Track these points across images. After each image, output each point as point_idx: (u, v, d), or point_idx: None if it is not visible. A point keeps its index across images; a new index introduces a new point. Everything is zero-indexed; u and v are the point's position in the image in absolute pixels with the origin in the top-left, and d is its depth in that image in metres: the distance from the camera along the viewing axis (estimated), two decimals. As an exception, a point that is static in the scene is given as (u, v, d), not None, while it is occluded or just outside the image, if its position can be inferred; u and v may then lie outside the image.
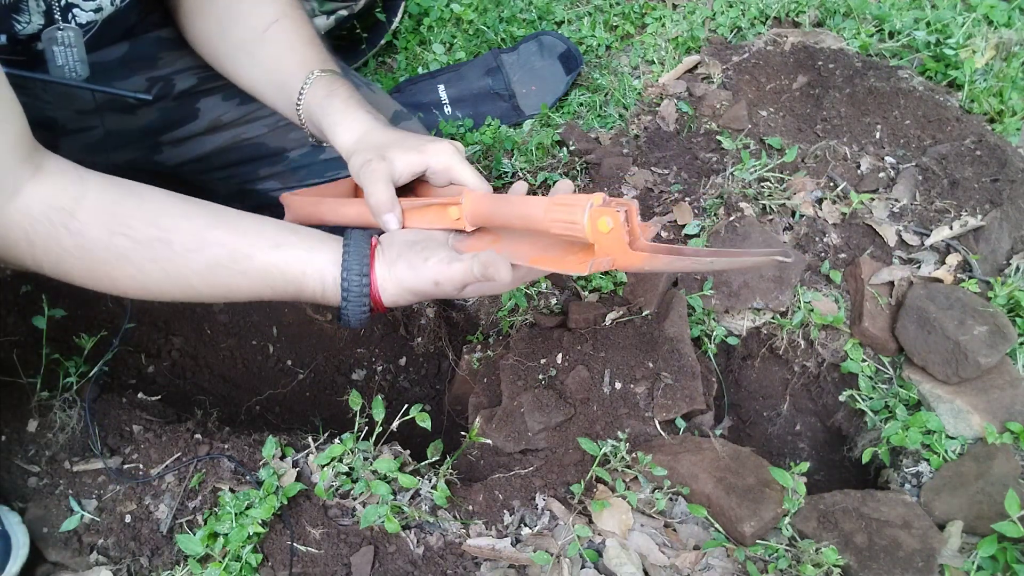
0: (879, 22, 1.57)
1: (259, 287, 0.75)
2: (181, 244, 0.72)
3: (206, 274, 0.73)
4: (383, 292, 0.75)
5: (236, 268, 0.74)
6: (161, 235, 0.72)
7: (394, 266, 0.76)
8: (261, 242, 0.74)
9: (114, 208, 0.71)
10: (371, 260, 0.75)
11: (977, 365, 1.03)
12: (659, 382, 1.06)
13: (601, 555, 0.93)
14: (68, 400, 1.04)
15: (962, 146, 1.29)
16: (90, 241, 0.70)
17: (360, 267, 0.74)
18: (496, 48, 1.66)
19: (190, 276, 0.73)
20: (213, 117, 1.13)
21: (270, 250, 0.74)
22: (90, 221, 0.70)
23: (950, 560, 0.92)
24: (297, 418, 1.36)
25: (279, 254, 0.74)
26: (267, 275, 0.74)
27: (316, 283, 0.75)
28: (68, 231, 0.69)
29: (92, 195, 0.71)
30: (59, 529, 0.94)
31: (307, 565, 0.92)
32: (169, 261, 0.72)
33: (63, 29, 0.89)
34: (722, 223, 1.22)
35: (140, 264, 0.72)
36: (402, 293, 0.76)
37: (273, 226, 0.77)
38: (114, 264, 0.72)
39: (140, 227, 0.71)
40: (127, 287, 0.74)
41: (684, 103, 1.45)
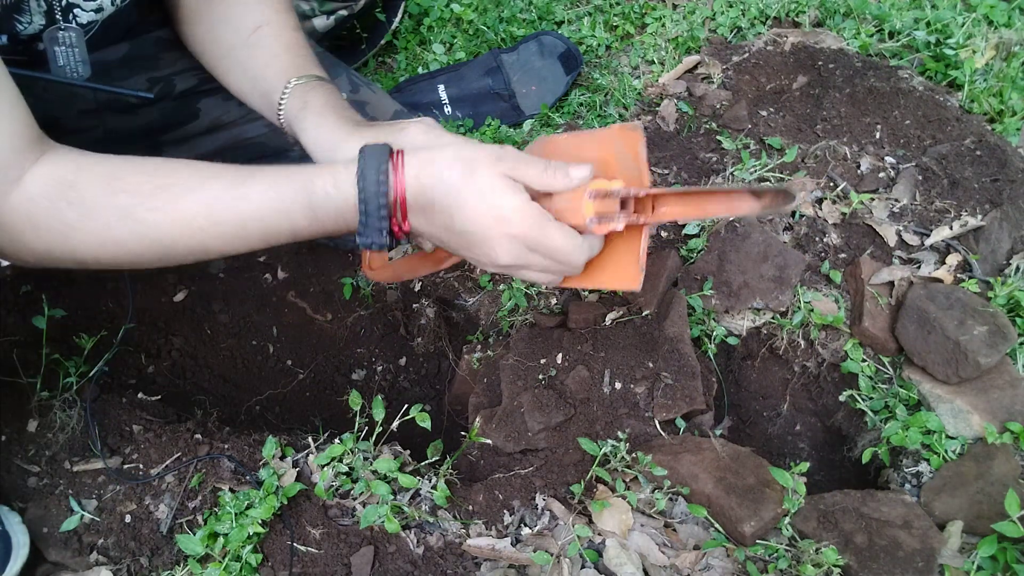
0: (879, 22, 1.57)
1: (265, 209, 0.70)
2: (183, 184, 0.71)
3: (208, 209, 0.70)
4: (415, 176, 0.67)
5: (236, 193, 0.70)
6: (161, 182, 0.71)
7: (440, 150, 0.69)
8: (262, 169, 0.72)
9: (112, 170, 0.71)
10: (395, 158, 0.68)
11: (977, 365, 1.03)
12: (659, 382, 1.06)
13: (601, 555, 0.93)
14: (68, 400, 1.04)
15: (962, 146, 1.29)
16: (91, 206, 0.70)
17: (378, 163, 0.67)
18: (496, 48, 1.66)
19: (194, 216, 0.71)
20: (213, 117, 1.13)
21: (270, 171, 0.71)
22: (89, 184, 0.70)
23: (950, 560, 0.92)
24: (297, 418, 1.36)
25: (280, 172, 0.71)
26: (270, 191, 0.70)
27: (327, 178, 0.69)
28: (68, 202, 0.69)
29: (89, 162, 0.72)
30: (59, 529, 0.94)
31: (307, 565, 0.92)
32: (171, 203, 0.70)
33: (64, 29, 0.89)
34: (722, 223, 1.22)
35: (142, 217, 0.70)
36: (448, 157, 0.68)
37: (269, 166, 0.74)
38: (119, 224, 0.70)
39: (140, 182, 0.71)
40: (135, 248, 0.72)
41: (684, 103, 1.45)
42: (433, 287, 1.33)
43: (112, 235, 0.71)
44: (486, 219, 0.68)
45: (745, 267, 1.17)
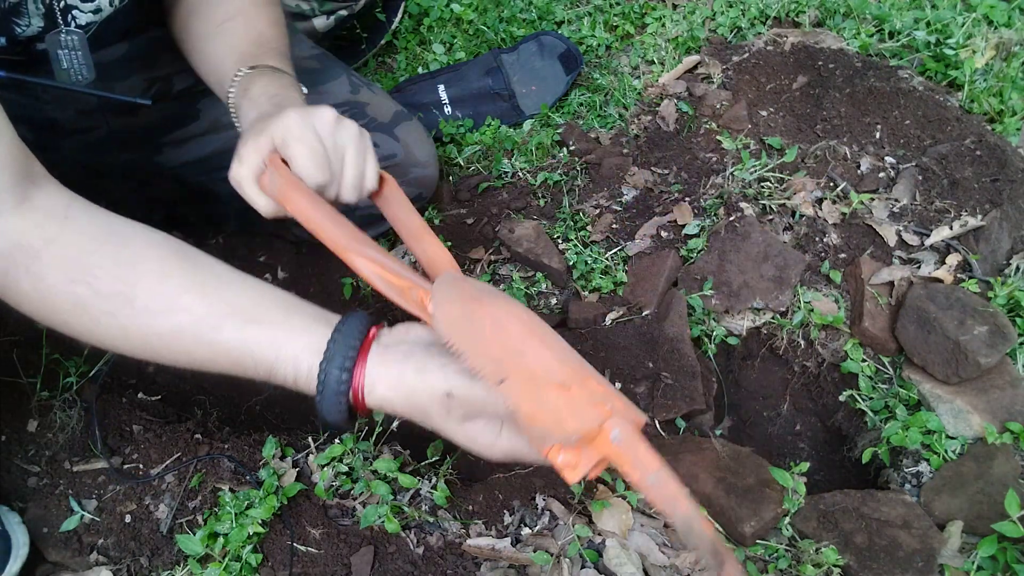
0: (879, 22, 1.57)
1: (224, 363, 0.67)
2: (144, 304, 0.65)
3: (168, 339, 0.66)
4: (370, 393, 0.63)
5: (201, 339, 0.65)
6: (125, 290, 0.65)
7: (399, 365, 0.63)
8: (235, 315, 0.66)
9: (82, 255, 0.66)
10: (362, 352, 0.64)
11: (977, 365, 1.03)
12: (659, 382, 1.06)
13: (601, 555, 0.93)
14: (68, 400, 1.04)
15: (962, 146, 1.29)
16: (48, 286, 0.65)
17: (343, 360, 0.62)
18: (496, 48, 1.66)
19: (149, 337, 0.66)
20: (213, 118, 1.13)
21: (243, 325, 0.65)
22: (53, 265, 0.65)
23: (950, 560, 0.92)
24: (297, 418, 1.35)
25: (251, 331, 0.65)
26: (233, 351, 0.65)
27: (289, 369, 0.65)
28: (28, 273, 0.65)
29: (68, 236, 0.66)
30: (59, 529, 0.94)
31: (307, 565, 0.92)
32: (127, 318, 0.65)
33: (67, 33, 0.89)
34: (722, 223, 1.22)
35: (96, 316, 0.66)
36: (397, 399, 0.63)
37: (257, 297, 0.68)
38: (69, 311, 0.66)
39: (105, 278, 0.65)
40: (82, 335, 0.68)
41: (684, 103, 1.45)
42: (433, 287, 1.33)
43: (62, 318, 0.67)
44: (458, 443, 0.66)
45: (745, 267, 1.17)
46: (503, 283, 1.28)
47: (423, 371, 0.62)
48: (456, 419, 0.62)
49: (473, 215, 1.36)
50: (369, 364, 0.63)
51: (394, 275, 0.68)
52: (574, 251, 1.27)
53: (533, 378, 0.59)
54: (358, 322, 0.66)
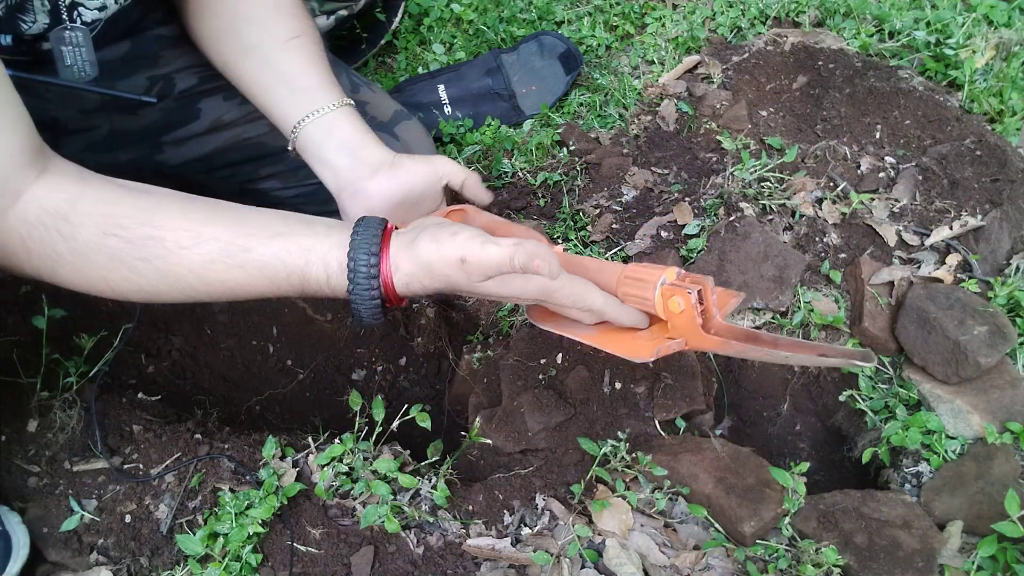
0: (879, 22, 1.57)
1: (258, 282, 0.70)
2: (174, 241, 0.68)
3: (201, 271, 0.69)
4: (396, 271, 0.68)
5: (232, 262, 0.69)
6: (154, 232, 0.68)
7: (415, 243, 0.68)
8: (261, 232, 0.69)
9: (108, 208, 0.69)
10: (384, 242, 0.69)
11: (977, 365, 1.03)
12: (659, 382, 1.06)
13: (601, 555, 0.93)
14: (68, 400, 1.04)
15: (962, 146, 1.29)
16: (82, 244, 0.68)
17: (369, 246, 0.67)
18: (496, 48, 1.66)
19: (184, 274, 0.69)
20: (214, 117, 1.13)
21: (269, 240, 0.69)
22: (82, 223, 0.68)
23: (950, 560, 0.92)
24: (297, 418, 1.36)
25: (279, 243, 0.69)
26: (266, 267, 0.69)
27: (319, 269, 0.69)
28: (61, 235, 0.67)
29: (89, 195, 0.69)
30: (59, 529, 0.94)
31: (307, 565, 0.92)
32: (161, 259, 0.68)
33: (71, 29, 0.89)
34: (722, 223, 1.22)
35: (132, 264, 0.68)
36: (417, 272, 0.68)
37: (279, 216, 0.72)
38: (106, 266, 0.69)
39: (133, 225, 0.68)
40: (123, 289, 0.71)
41: (684, 103, 1.45)
42: (433, 287, 1.33)
43: (100, 275, 0.69)
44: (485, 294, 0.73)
45: (745, 267, 1.17)
46: (503, 283, 1.28)
47: (437, 240, 0.67)
48: (477, 278, 0.67)
49: (473, 215, 1.36)
50: (392, 248, 0.69)
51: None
52: (574, 251, 1.27)
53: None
54: (375, 220, 0.71)
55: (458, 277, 0.67)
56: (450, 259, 0.66)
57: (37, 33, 0.88)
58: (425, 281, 0.69)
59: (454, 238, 0.66)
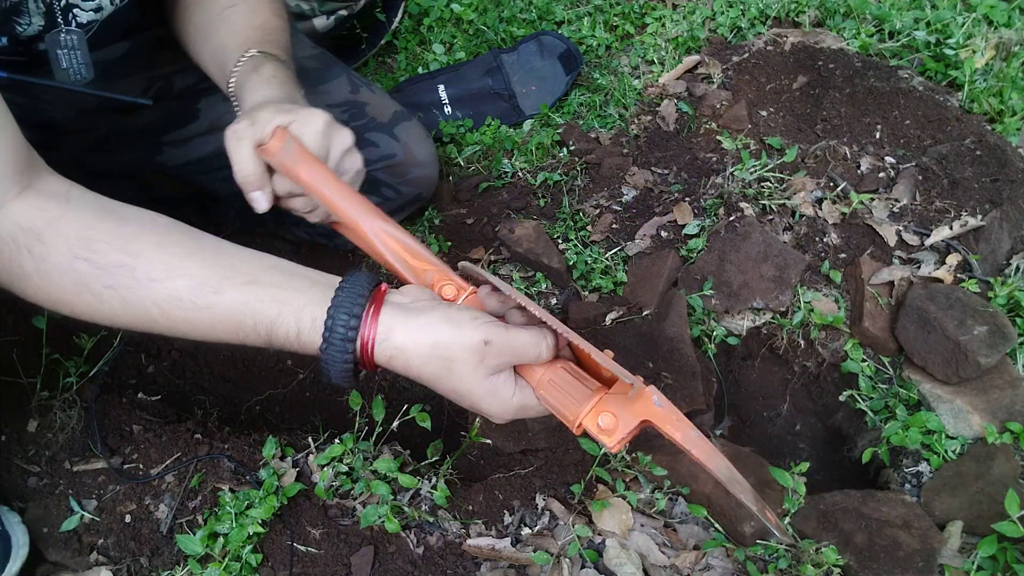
0: (879, 22, 1.57)
1: (223, 327, 0.66)
2: (145, 272, 0.65)
3: (166, 307, 0.66)
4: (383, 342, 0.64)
5: (200, 302, 0.65)
6: (127, 261, 0.65)
7: (424, 315, 0.64)
8: (236, 277, 0.66)
9: (87, 230, 0.66)
10: (374, 305, 0.64)
11: (977, 365, 1.03)
12: (659, 382, 1.06)
13: (601, 555, 0.93)
14: (68, 400, 1.04)
15: (962, 146, 1.29)
16: (51, 266, 0.66)
17: (351, 306, 0.63)
18: (496, 48, 1.66)
19: (149, 307, 0.66)
20: (213, 118, 1.13)
21: (242, 286, 0.65)
22: (55, 244, 0.66)
23: (950, 560, 0.92)
24: (297, 418, 1.35)
25: (252, 291, 0.65)
26: (233, 313, 0.65)
27: (291, 324, 0.64)
28: (31, 255, 0.66)
29: (70, 215, 0.67)
30: (59, 529, 0.94)
31: (307, 565, 0.92)
32: (128, 289, 0.66)
33: (67, 32, 0.89)
34: (722, 223, 1.22)
35: (98, 291, 0.66)
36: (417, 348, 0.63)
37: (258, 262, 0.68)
38: (72, 290, 0.67)
39: (107, 251, 0.66)
40: (84, 313, 0.69)
41: (684, 103, 1.45)
42: (433, 287, 1.33)
43: (64, 297, 0.67)
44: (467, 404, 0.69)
45: (745, 267, 1.17)
46: (503, 283, 1.28)
47: (455, 321, 0.63)
48: (485, 370, 0.64)
49: (473, 215, 1.36)
50: (384, 315, 0.64)
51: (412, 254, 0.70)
52: (574, 251, 1.27)
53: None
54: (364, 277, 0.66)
55: (462, 370, 0.64)
56: (473, 344, 0.62)
57: (32, 35, 0.88)
58: (413, 359, 0.64)
59: (475, 321, 0.63)
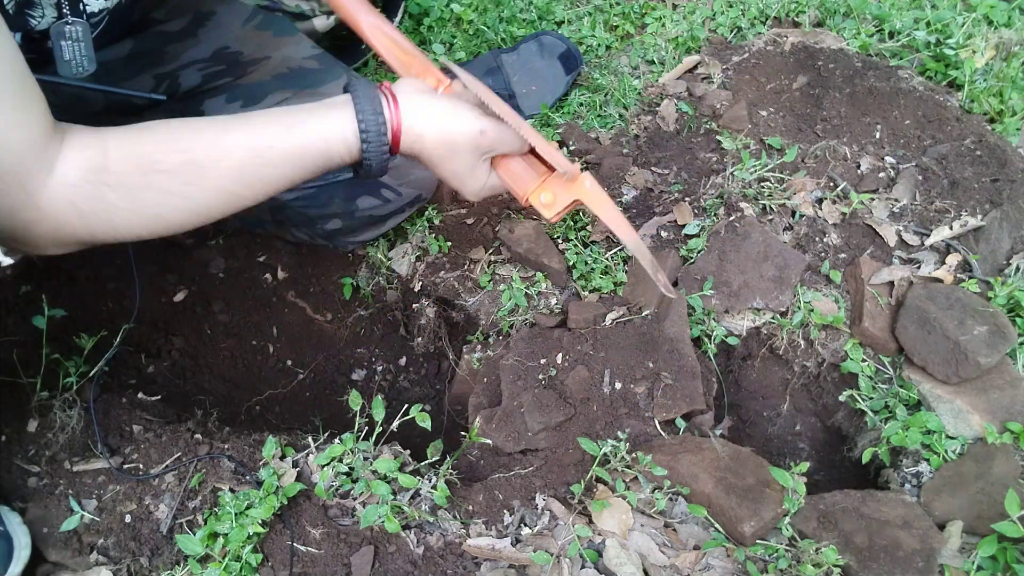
0: (879, 22, 1.57)
1: (291, 171, 0.79)
2: (206, 156, 0.75)
3: (239, 177, 0.77)
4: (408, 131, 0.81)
5: (262, 161, 0.77)
6: (187, 156, 0.75)
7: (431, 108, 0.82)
8: (276, 130, 0.78)
9: (137, 148, 0.75)
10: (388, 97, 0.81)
11: (977, 365, 1.03)
12: (659, 382, 1.06)
13: (601, 555, 0.93)
14: (68, 400, 1.04)
15: (962, 146, 1.29)
16: (130, 187, 0.74)
17: (373, 104, 0.79)
18: (496, 48, 1.66)
19: (227, 184, 0.77)
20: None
21: (286, 133, 0.78)
22: (123, 169, 0.74)
23: (950, 560, 0.92)
24: (297, 418, 1.36)
25: (296, 134, 0.78)
26: (293, 157, 0.78)
27: (339, 142, 0.80)
28: (108, 186, 0.73)
29: (113, 145, 0.75)
30: (59, 529, 0.94)
31: (307, 565, 0.92)
32: (202, 177, 0.76)
33: (71, 23, 0.89)
34: (722, 223, 1.22)
35: (180, 191, 0.75)
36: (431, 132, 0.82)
37: (278, 112, 0.81)
38: (158, 200, 0.75)
39: (166, 157, 0.74)
40: (177, 219, 0.77)
41: (684, 103, 1.45)
42: (433, 287, 1.33)
43: (154, 211, 0.76)
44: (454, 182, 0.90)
45: (745, 267, 1.17)
46: (503, 283, 1.28)
47: (457, 112, 0.82)
48: (477, 155, 0.85)
49: (473, 215, 1.36)
50: (403, 107, 0.81)
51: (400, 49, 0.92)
52: (574, 251, 1.27)
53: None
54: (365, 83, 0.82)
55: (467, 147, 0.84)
56: (470, 130, 0.82)
57: (44, 29, 0.88)
58: (428, 141, 0.83)
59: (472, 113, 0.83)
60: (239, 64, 1.13)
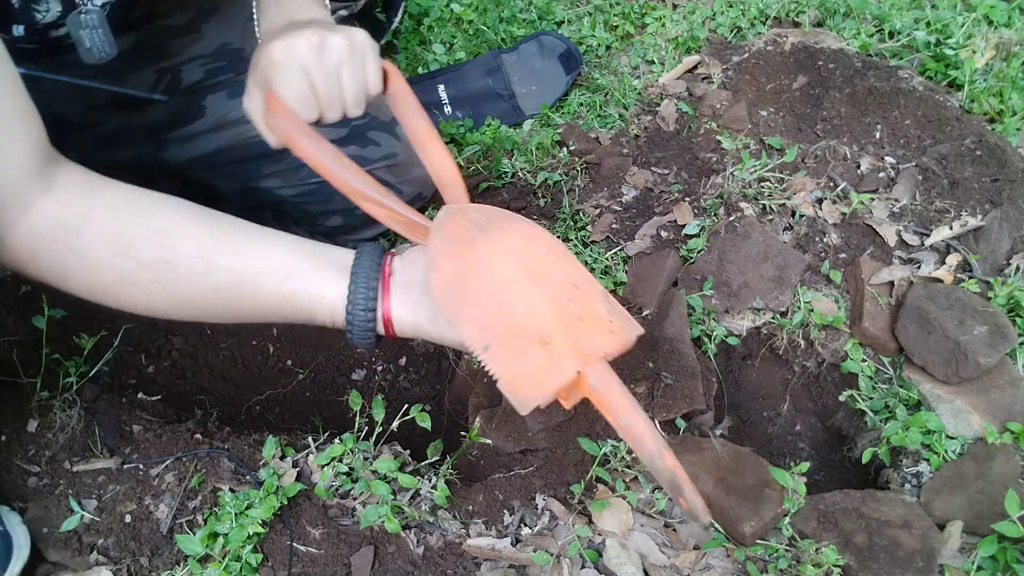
0: (879, 22, 1.57)
1: (266, 314, 0.73)
2: (186, 267, 0.70)
3: (212, 297, 0.71)
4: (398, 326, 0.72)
5: (242, 294, 0.71)
6: (167, 257, 0.69)
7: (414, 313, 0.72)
8: (271, 271, 0.71)
9: (120, 228, 0.69)
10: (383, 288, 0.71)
11: (977, 365, 1.03)
12: (659, 382, 1.06)
13: (601, 555, 0.93)
14: (68, 400, 1.04)
15: (962, 146, 1.29)
16: (93, 261, 0.68)
17: (366, 302, 0.70)
18: (496, 48, 1.66)
19: (195, 298, 0.71)
20: (219, 115, 1.13)
21: (279, 281, 0.71)
22: (94, 241, 0.68)
23: (950, 560, 0.92)
24: (297, 418, 1.36)
25: (288, 285, 0.71)
26: (275, 304, 0.72)
27: (326, 316, 0.73)
28: (72, 251, 0.68)
29: (99, 212, 0.69)
30: (59, 529, 0.94)
31: (307, 565, 0.92)
32: (173, 283, 0.70)
33: (86, 12, 0.89)
34: (722, 223, 1.22)
35: (143, 285, 0.70)
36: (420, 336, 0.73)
37: (285, 250, 0.74)
38: (117, 283, 0.70)
39: (145, 248, 0.69)
40: (132, 305, 0.72)
41: (684, 103, 1.45)
42: (433, 287, 1.33)
43: (110, 291, 0.71)
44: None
45: (745, 267, 1.17)
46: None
47: (436, 323, 0.70)
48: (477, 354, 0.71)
49: (473, 215, 1.36)
50: (393, 306, 0.71)
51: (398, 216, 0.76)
52: (574, 251, 1.27)
53: (517, 336, 0.62)
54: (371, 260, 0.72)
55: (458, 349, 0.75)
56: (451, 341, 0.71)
57: (49, 22, 0.88)
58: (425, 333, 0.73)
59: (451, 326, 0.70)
60: (241, 60, 1.13)
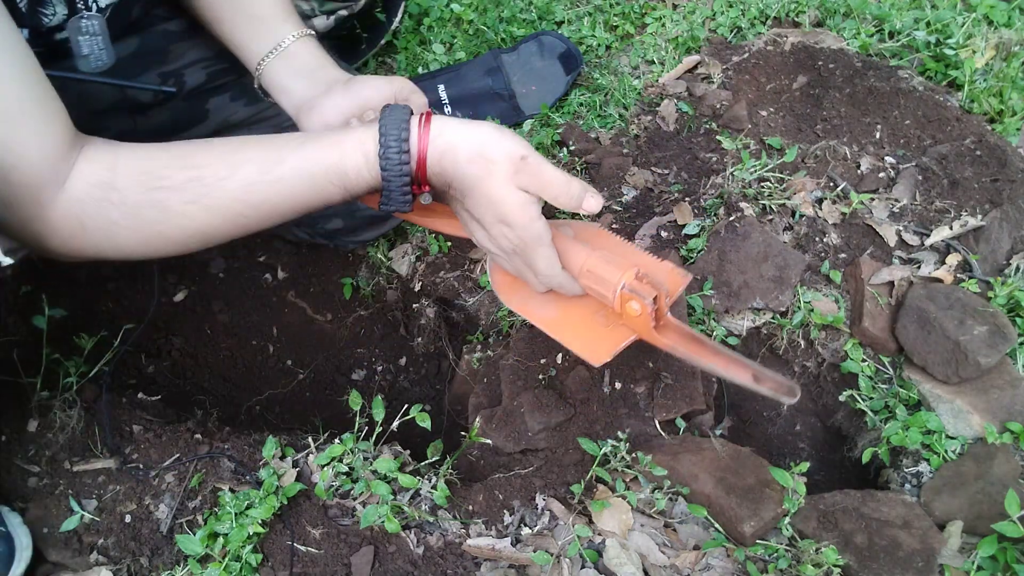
0: (879, 22, 1.57)
1: (300, 191, 0.72)
2: (213, 175, 0.71)
3: (244, 196, 0.72)
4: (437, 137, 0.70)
5: (270, 178, 0.72)
6: (193, 173, 0.71)
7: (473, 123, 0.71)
8: (289, 143, 0.73)
9: (147, 164, 0.72)
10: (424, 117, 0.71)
11: (977, 365, 1.03)
12: (659, 382, 1.06)
13: (601, 555, 0.93)
14: (68, 400, 1.04)
15: (962, 146, 1.29)
16: (132, 204, 0.71)
17: (399, 131, 0.69)
18: (496, 48, 1.66)
19: (231, 203, 0.72)
20: (221, 119, 1.13)
21: (299, 147, 0.72)
22: (127, 185, 0.71)
23: (950, 560, 0.92)
24: (297, 418, 1.36)
25: (310, 147, 0.72)
26: (303, 172, 0.71)
27: (357, 156, 0.71)
28: (111, 203, 0.71)
29: (123, 159, 0.72)
30: (59, 529, 0.94)
31: (307, 565, 0.92)
32: (206, 196, 0.71)
33: (87, 18, 0.90)
34: (722, 223, 1.22)
35: (182, 210, 0.72)
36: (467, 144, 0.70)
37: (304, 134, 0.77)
38: (159, 219, 0.72)
39: (173, 173, 0.71)
40: (180, 239, 0.74)
41: (684, 103, 1.45)
42: (433, 287, 1.33)
43: (156, 229, 0.73)
44: (490, 216, 0.75)
45: (745, 267, 1.17)
46: (503, 283, 1.28)
47: (501, 131, 0.71)
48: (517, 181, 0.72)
49: (473, 215, 1.36)
50: (435, 120, 0.71)
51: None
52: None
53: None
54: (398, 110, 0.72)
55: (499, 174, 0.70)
56: (512, 152, 0.70)
57: (55, 25, 0.88)
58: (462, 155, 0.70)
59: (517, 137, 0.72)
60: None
